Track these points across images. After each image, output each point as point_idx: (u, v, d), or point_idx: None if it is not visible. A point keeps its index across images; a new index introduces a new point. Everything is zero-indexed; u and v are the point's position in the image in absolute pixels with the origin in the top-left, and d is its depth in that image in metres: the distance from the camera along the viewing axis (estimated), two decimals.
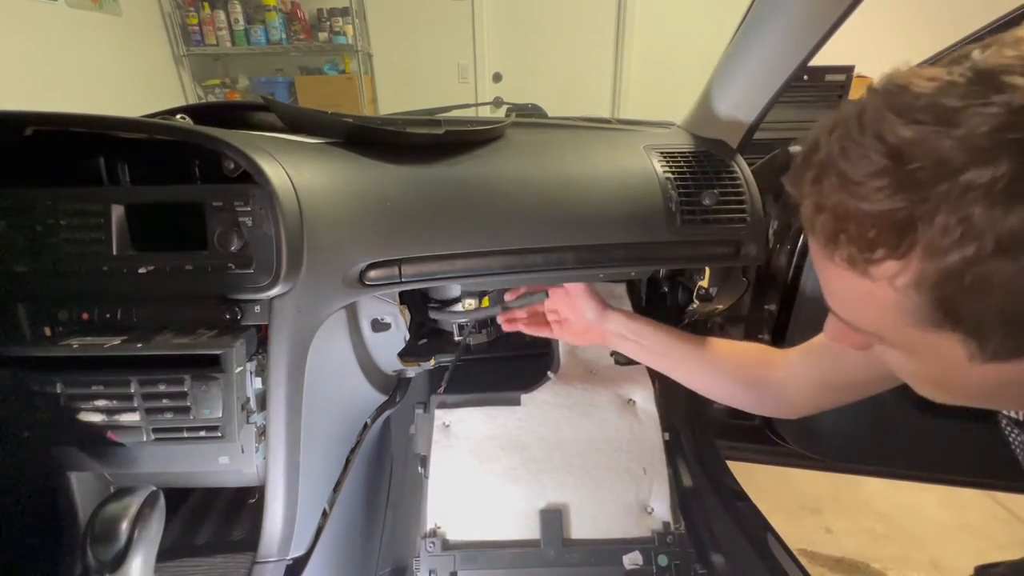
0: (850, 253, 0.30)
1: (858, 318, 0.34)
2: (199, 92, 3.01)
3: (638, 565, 0.62)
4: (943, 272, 0.27)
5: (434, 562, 0.63)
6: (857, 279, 0.31)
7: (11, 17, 1.99)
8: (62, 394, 0.53)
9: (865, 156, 0.27)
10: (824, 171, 0.30)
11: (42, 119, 0.53)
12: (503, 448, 0.71)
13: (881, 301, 0.30)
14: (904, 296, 0.29)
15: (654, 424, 0.72)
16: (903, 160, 0.26)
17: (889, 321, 0.31)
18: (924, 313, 0.29)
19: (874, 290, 0.30)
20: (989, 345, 0.29)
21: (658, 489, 0.68)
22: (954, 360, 0.31)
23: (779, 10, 0.63)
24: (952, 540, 1.35)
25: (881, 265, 0.29)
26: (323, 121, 0.67)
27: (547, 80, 3.09)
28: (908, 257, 0.28)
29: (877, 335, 0.34)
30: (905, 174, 0.26)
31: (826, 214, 0.30)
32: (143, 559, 0.43)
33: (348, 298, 0.63)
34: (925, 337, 0.31)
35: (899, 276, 0.29)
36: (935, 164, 0.25)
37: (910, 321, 0.30)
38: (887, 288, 0.29)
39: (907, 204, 0.26)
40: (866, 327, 0.34)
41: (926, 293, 0.28)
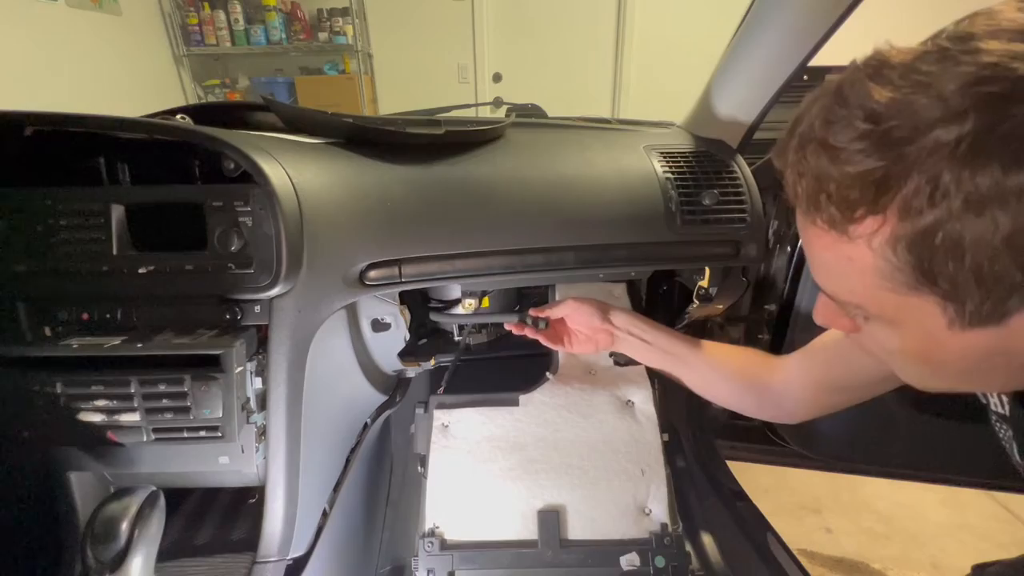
0: (831, 215, 0.30)
1: (841, 289, 0.35)
2: (199, 92, 3.01)
3: (635, 566, 0.62)
4: (916, 232, 0.27)
5: (432, 562, 0.63)
6: (838, 243, 0.31)
7: (11, 17, 1.99)
8: (62, 394, 0.53)
9: (845, 122, 0.28)
10: (806, 139, 0.31)
11: (42, 119, 0.53)
12: (501, 448, 0.71)
13: (860, 265, 0.31)
14: (881, 257, 0.30)
15: (652, 425, 0.72)
16: (880, 121, 0.27)
17: (869, 287, 0.32)
18: (902, 275, 0.30)
19: (853, 253, 0.31)
20: (967, 308, 0.29)
21: (656, 490, 0.68)
22: (935, 328, 0.31)
23: (779, 10, 0.63)
24: (952, 540, 1.35)
25: (860, 224, 0.29)
26: (323, 121, 0.67)
27: (547, 80, 3.09)
28: (884, 215, 0.28)
29: (860, 307, 0.34)
30: (882, 134, 0.27)
31: (808, 178, 0.31)
32: (143, 559, 0.44)
33: (348, 298, 0.63)
34: (904, 302, 0.31)
35: (876, 235, 0.29)
36: (909, 124, 0.26)
37: (889, 285, 0.31)
38: (865, 249, 0.30)
39: (883, 164, 0.27)
40: (849, 298, 0.35)
41: (902, 253, 0.29)
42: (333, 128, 0.68)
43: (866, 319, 0.36)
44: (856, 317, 0.37)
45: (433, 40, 3.03)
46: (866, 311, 0.34)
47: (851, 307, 0.36)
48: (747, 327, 0.94)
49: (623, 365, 0.80)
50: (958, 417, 0.79)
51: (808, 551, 1.30)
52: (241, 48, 2.91)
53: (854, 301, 0.34)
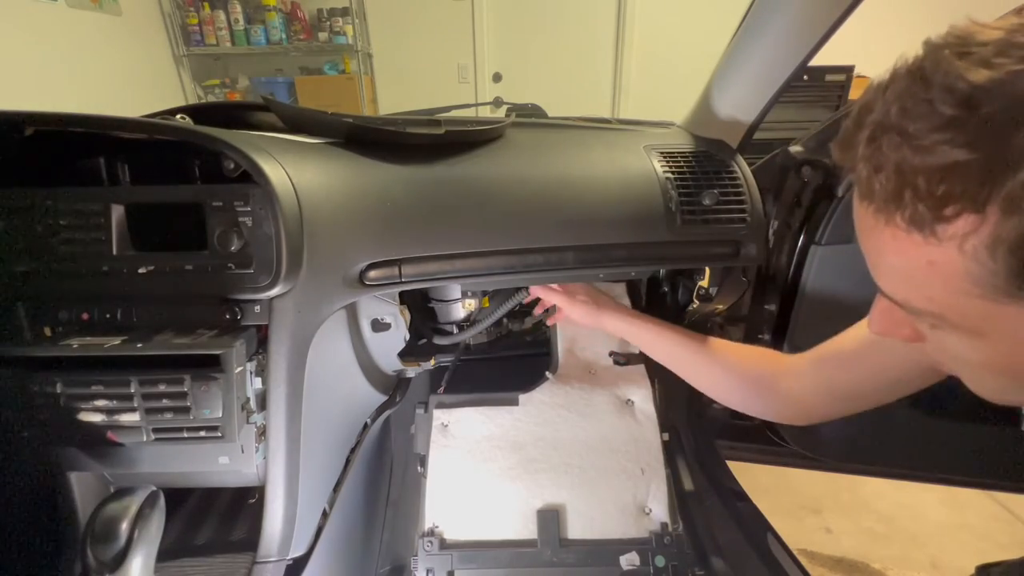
0: (915, 212, 0.26)
1: (916, 296, 0.31)
2: (199, 92, 3.01)
3: (635, 566, 0.62)
4: (1021, 234, 0.24)
5: (432, 561, 0.63)
6: (918, 245, 0.28)
7: (11, 17, 1.99)
8: (62, 394, 0.53)
9: (930, 109, 0.25)
10: (881, 129, 0.27)
11: (42, 119, 0.53)
12: (501, 448, 0.71)
13: (946, 270, 0.27)
14: (974, 261, 0.26)
15: (652, 425, 0.72)
16: (977, 105, 0.24)
17: (954, 294, 0.28)
18: (999, 280, 0.26)
19: (939, 257, 0.27)
20: None
21: (656, 490, 0.68)
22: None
23: (779, 10, 0.63)
24: (952, 540, 1.35)
25: (952, 224, 0.26)
26: (323, 121, 0.67)
27: (547, 80, 3.09)
28: (984, 213, 0.25)
29: (937, 315, 0.30)
30: (979, 121, 0.24)
31: (886, 172, 0.27)
32: (143, 559, 0.43)
33: (348, 298, 0.63)
34: (996, 311, 0.27)
35: (971, 236, 0.25)
36: (1014, 107, 0.23)
37: (980, 292, 0.27)
38: (954, 253, 0.26)
39: (982, 154, 0.24)
40: (926, 307, 0.30)
41: (1003, 257, 0.25)
42: (333, 128, 0.68)
43: (936, 327, 0.32)
44: (922, 326, 0.33)
45: (433, 40, 3.03)
46: (945, 320, 0.30)
47: (925, 316, 0.31)
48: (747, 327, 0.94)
49: (623, 365, 0.80)
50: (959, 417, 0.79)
51: (808, 551, 1.30)
52: (241, 48, 2.91)
53: (931, 310, 0.30)
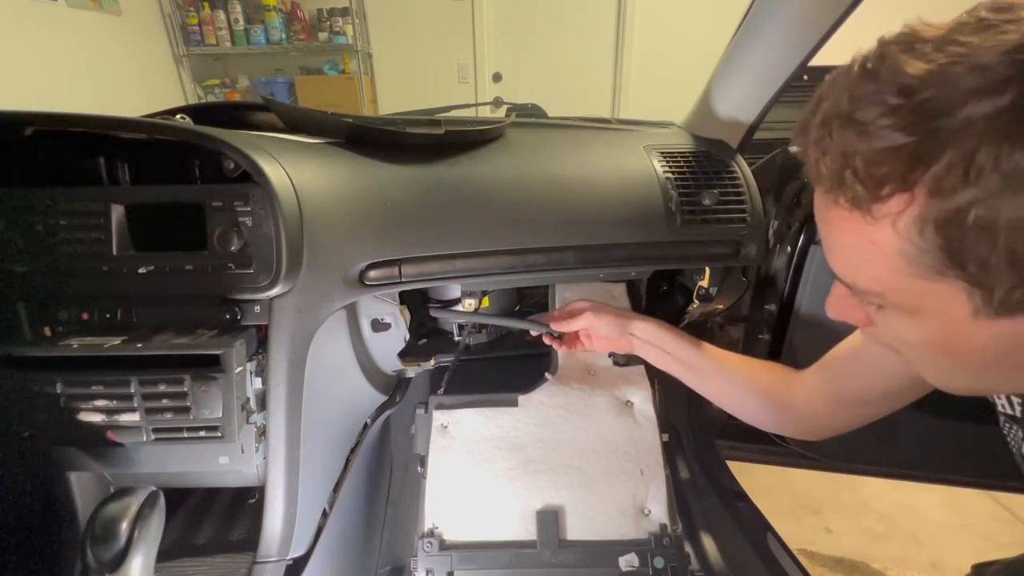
0: (855, 193, 0.29)
1: (862, 276, 0.33)
2: (199, 92, 3.01)
3: (634, 567, 0.62)
4: (947, 211, 0.26)
5: (431, 562, 0.63)
6: (860, 226, 0.30)
7: (11, 17, 1.99)
8: (62, 394, 0.53)
9: (875, 97, 0.27)
10: (832, 115, 0.29)
11: (42, 119, 0.53)
12: (500, 449, 0.71)
13: (884, 248, 0.30)
14: (907, 239, 0.28)
15: (651, 426, 0.72)
16: (912, 94, 0.26)
17: (892, 272, 0.30)
18: (928, 258, 0.28)
19: (877, 236, 0.30)
20: (995, 294, 0.27)
21: (655, 491, 0.68)
22: (959, 317, 0.30)
23: (779, 10, 0.63)
24: (952, 540, 1.35)
25: (886, 203, 0.28)
26: (323, 121, 0.67)
27: (547, 80, 3.09)
28: (913, 193, 0.27)
29: (880, 295, 0.33)
30: (914, 108, 0.26)
31: (832, 155, 0.29)
32: (143, 559, 0.43)
33: (348, 298, 0.63)
34: (929, 288, 0.29)
35: (903, 215, 0.28)
36: (944, 96, 0.25)
37: (913, 269, 0.29)
38: (890, 231, 0.29)
39: (915, 139, 0.26)
40: (870, 286, 0.33)
41: (930, 234, 0.27)
42: (333, 128, 0.68)
43: (882, 309, 0.34)
44: (872, 308, 0.35)
45: (433, 40, 3.03)
46: (886, 299, 0.33)
47: (870, 296, 0.34)
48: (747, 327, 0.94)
49: (623, 365, 0.80)
50: (959, 417, 0.79)
51: (808, 551, 1.30)
52: (241, 48, 2.91)
53: (874, 289, 0.33)
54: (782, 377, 0.63)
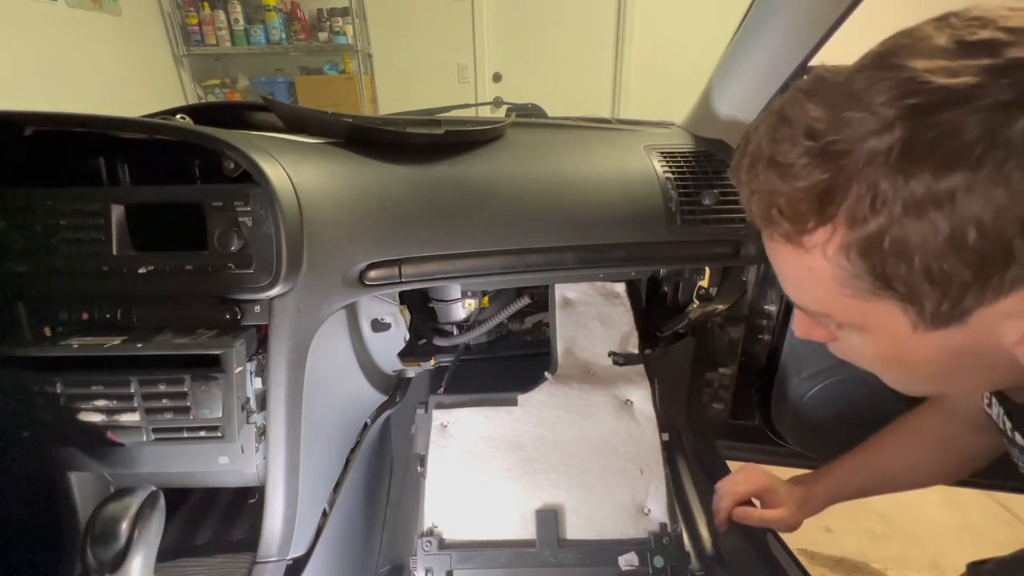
0: (784, 229, 0.32)
1: (809, 300, 0.36)
2: (199, 92, 3.01)
3: (634, 566, 0.62)
4: (864, 238, 0.29)
5: (430, 561, 0.63)
6: (796, 255, 0.33)
7: (11, 17, 1.99)
8: (62, 394, 0.53)
9: (790, 140, 0.30)
10: (756, 158, 0.32)
11: (42, 119, 0.53)
12: (500, 448, 0.71)
13: (820, 274, 0.32)
14: (837, 265, 0.31)
15: (651, 425, 0.72)
16: (819, 137, 0.29)
17: (832, 295, 0.33)
18: (860, 282, 0.30)
19: (812, 264, 0.32)
20: (926, 309, 0.30)
21: (655, 490, 0.67)
22: (901, 332, 0.32)
23: (779, 10, 0.63)
24: (952, 540, 1.35)
25: (812, 235, 0.31)
26: (323, 121, 0.67)
27: (547, 80, 3.09)
28: (834, 225, 0.30)
29: (829, 315, 0.35)
30: (821, 149, 0.28)
31: (760, 195, 0.32)
32: (143, 559, 0.43)
33: (348, 298, 0.63)
34: (868, 308, 0.32)
35: (829, 244, 0.30)
36: (845, 137, 0.28)
37: (849, 292, 0.31)
38: (821, 259, 0.31)
39: (827, 176, 0.28)
40: (818, 308, 0.36)
41: (855, 260, 0.30)
42: (333, 128, 0.68)
43: (840, 327, 0.36)
44: (829, 327, 0.37)
45: (433, 40, 3.03)
46: (835, 319, 0.35)
47: (821, 316, 0.36)
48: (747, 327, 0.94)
49: (622, 365, 0.80)
50: None
51: (808, 551, 1.30)
52: (241, 48, 2.91)
53: (822, 310, 0.35)
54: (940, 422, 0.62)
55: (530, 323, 0.93)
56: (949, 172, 0.25)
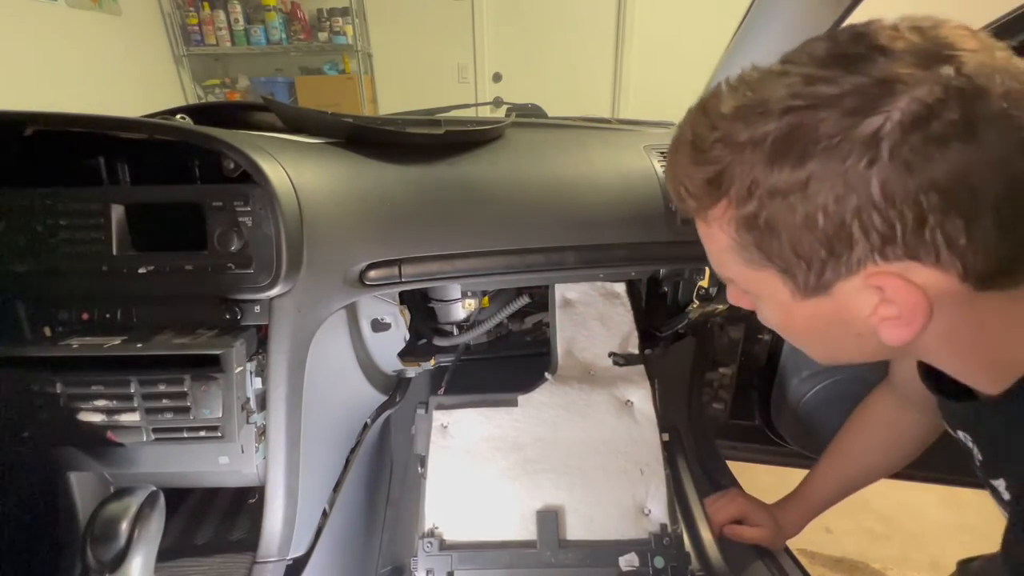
0: (691, 206, 0.37)
1: (720, 267, 0.41)
2: (199, 92, 3.01)
3: (634, 567, 0.62)
4: (746, 216, 0.33)
5: (431, 562, 0.63)
6: (704, 227, 0.38)
7: (11, 17, 1.99)
8: (62, 394, 0.53)
9: (704, 129, 0.34)
10: (677, 145, 0.37)
11: (42, 119, 0.53)
12: (500, 449, 0.71)
13: (720, 244, 0.37)
14: (731, 238, 0.35)
15: (651, 425, 0.72)
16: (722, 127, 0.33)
17: (732, 264, 0.37)
18: (748, 253, 0.35)
19: (715, 236, 0.37)
20: (799, 280, 0.34)
21: (655, 490, 0.67)
22: (784, 300, 0.36)
23: (779, 10, 0.63)
24: (952, 540, 1.35)
25: (712, 210, 0.36)
26: (323, 121, 0.67)
27: (547, 80, 3.09)
28: (726, 202, 0.34)
29: (734, 281, 0.40)
30: (722, 137, 0.33)
31: (674, 177, 0.38)
32: (143, 559, 0.43)
33: (348, 298, 0.63)
34: (759, 277, 0.36)
35: (723, 219, 0.35)
36: (739, 128, 0.32)
37: (743, 261, 0.36)
38: (720, 231, 0.36)
39: (722, 163, 0.33)
40: (726, 273, 0.40)
41: (743, 234, 0.34)
42: (333, 128, 0.68)
43: (743, 290, 0.41)
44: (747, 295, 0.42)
45: (433, 40, 3.03)
46: (739, 286, 0.40)
47: (731, 282, 0.42)
48: (747, 327, 0.94)
49: (622, 365, 0.80)
50: None
51: (808, 551, 1.30)
52: (241, 48, 2.91)
53: (728, 276, 0.40)
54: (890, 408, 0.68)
55: (530, 323, 0.92)
56: (804, 163, 0.30)
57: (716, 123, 0.33)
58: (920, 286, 0.30)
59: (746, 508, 0.76)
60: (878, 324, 0.33)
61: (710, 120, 0.34)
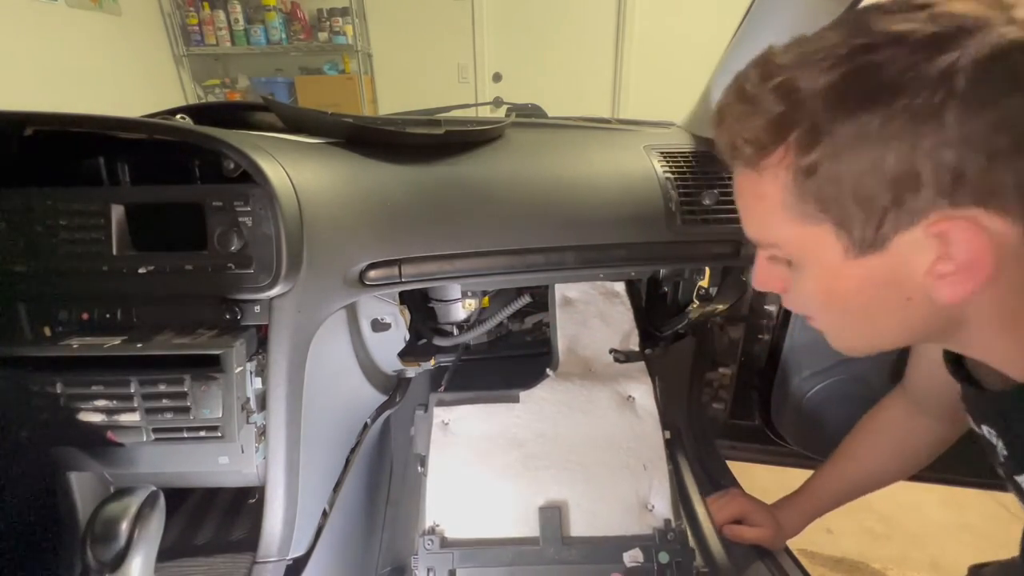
0: (746, 155, 0.36)
1: (761, 230, 0.40)
2: (199, 92, 3.01)
3: (639, 563, 0.62)
4: (808, 163, 0.32)
5: (432, 560, 0.63)
6: (753, 183, 0.37)
7: (11, 17, 1.99)
8: (62, 394, 0.53)
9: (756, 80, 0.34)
10: (732, 96, 0.36)
11: (42, 119, 0.53)
12: (502, 446, 0.71)
13: (771, 201, 0.36)
14: (784, 189, 0.34)
15: (654, 421, 0.72)
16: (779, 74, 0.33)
17: (780, 222, 0.36)
18: (803, 205, 0.34)
19: (765, 190, 0.36)
20: (854, 233, 0.33)
21: (658, 486, 0.67)
22: (834, 259, 0.35)
23: (779, 10, 0.63)
24: (952, 540, 1.35)
25: (768, 158, 0.35)
26: (323, 121, 0.67)
27: (547, 80, 3.09)
28: (785, 150, 0.33)
29: (776, 245, 0.39)
30: (781, 84, 0.32)
31: (730, 127, 0.36)
32: (143, 559, 0.43)
33: (348, 298, 0.63)
34: (808, 234, 0.35)
35: (780, 168, 0.34)
36: (802, 75, 0.32)
37: (793, 216, 0.35)
38: (772, 184, 0.35)
39: (784, 108, 0.32)
40: (767, 238, 0.39)
41: (800, 182, 0.33)
42: (333, 128, 0.68)
43: (792, 270, 0.40)
44: (784, 271, 0.41)
45: (433, 40, 3.03)
46: (781, 251, 0.39)
47: (771, 248, 0.41)
48: (747, 327, 0.94)
49: (623, 362, 0.80)
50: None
51: (808, 551, 1.30)
52: (241, 48, 2.91)
53: (771, 240, 0.39)
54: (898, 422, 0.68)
55: (530, 323, 0.93)
56: (872, 103, 0.29)
57: (774, 71, 0.33)
58: (986, 230, 0.29)
59: (746, 508, 0.76)
60: (934, 282, 0.32)
61: (768, 69, 0.33)
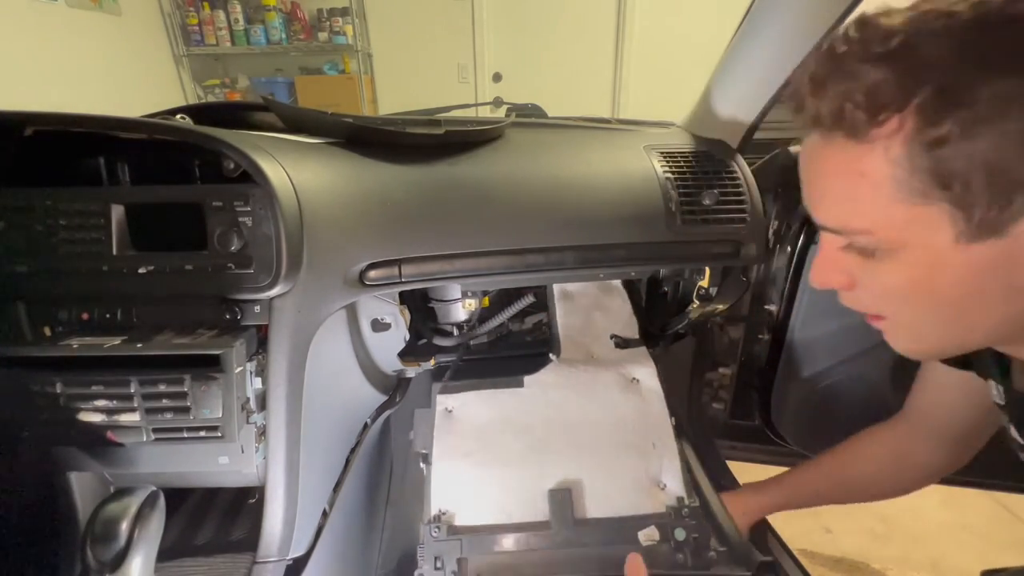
0: (854, 121, 0.31)
1: (851, 216, 0.35)
2: (199, 92, 3.01)
3: (655, 540, 0.60)
4: (933, 134, 0.29)
5: (439, 548, 0.60)
6: (853, 159, 0.33)
7: (11, 17, 1.99)
8: (62, 394, 0.53)
9: (870, 40, 0.31)
10: (833, 58, 0.32)
11: (42, 119, 0.53)
12: (507, 431, 0.70)
13: (874, 176, 0.32)
14: (897, 164, 0.31)
15: (659, 400, 0.71)
16: (892, 37, 0.30)
17: (881, 203, 0.32)
18: (916, 182, 0.30)
19: (868, 166, 0.32)
20: (975, 213, 0.30)
21: (668, 464, 0.66)
22: (941, 245, 0.32)
23: (779, 10, 0.63)
24: (952, 540, 1.35)
25: (882, 128, 0.31)
26: (323, 121, 0.67)
27: (547, 80, 3.09)
28: (904, 117, 0.30)
29: (866, 231, 0.34)
30: (900, 46, 0.29)
31: (833, 93, 0.32)
32: (143, 559, 0.43)
33: (348, 298, 0.63)
34: (915, 215, 0.31)
35: (894, 139, 0.30)
36: (921, 38, 0.29)
37: (902, 195, 0.31)
38: (881, 158, 0.31)
39: (902, 71, 0.29)
40: (858, 224, 0.35)
41: (918, 156, 0.30)
42: (333, 128, 0.68)
43: (865, 261, 0.36)
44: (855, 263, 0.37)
45: (433, 40, 3.03)
46: (874, 237, 0.34)
47: (859, 236, 0.35)
48: (747, 327, 0.94)
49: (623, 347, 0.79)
50: None
51: (808, 551, 1.30)
52: (241, 48, 2.91)
53: (863, 226, 0.34)
54: (891, 444, 0.65)
55: (530, 323, 0.93)
56: (1015, 70, 0.26)
57: (889, 32, 0.30)
58: None
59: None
60: None
61: (879, 30, 0.30)
